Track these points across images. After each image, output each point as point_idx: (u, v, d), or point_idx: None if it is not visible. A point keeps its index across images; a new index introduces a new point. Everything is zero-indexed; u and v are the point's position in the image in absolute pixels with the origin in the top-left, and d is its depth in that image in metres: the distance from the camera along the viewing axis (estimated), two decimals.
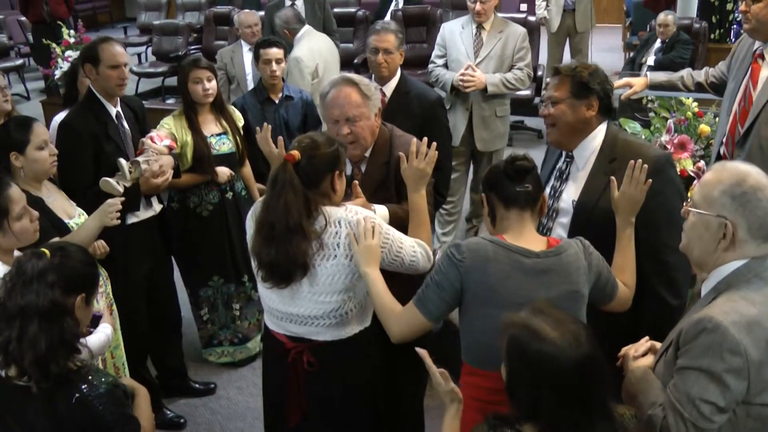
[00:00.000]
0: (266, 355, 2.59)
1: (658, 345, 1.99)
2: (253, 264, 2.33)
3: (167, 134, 3.53)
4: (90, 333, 2.25)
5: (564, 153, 2.58)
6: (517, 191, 2.09)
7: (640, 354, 1.98)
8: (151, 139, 3.36)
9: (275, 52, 4.10)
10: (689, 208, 1.86)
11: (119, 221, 2.75)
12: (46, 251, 1.91)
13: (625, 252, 2.31)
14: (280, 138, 2.60)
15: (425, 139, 2.49)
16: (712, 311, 1.73)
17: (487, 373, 2.06)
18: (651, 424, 1.78)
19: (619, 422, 1.63)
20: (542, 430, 1.56)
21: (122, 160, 3.16)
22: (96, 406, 1.83)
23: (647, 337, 2.04)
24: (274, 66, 4.09)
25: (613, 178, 2.32)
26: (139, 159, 3.24)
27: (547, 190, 2.60)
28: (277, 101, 4.16)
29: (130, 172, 3.17)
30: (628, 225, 2.31)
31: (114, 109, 3.31)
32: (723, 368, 1.68)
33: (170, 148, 3.45)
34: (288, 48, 4.33)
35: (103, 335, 2.38)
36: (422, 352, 1.94)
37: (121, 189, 3.11)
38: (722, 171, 1.82)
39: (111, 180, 3.10)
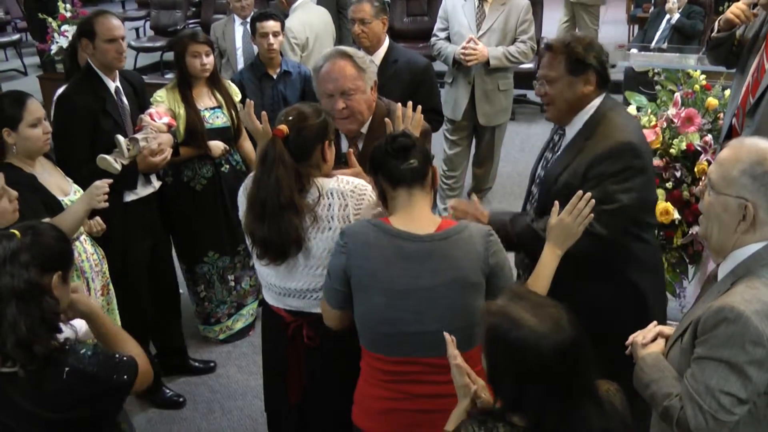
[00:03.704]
0: (266, 333, 2.57)
1: (666, 330, 1.93)
2: (248, 241, 2.31)
3: (166, 111, 3.45)
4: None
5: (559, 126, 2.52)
6: (402, 169, 2.02)
7: (648, 340, 1.91)
8: (150, 116, 3.29)
9: (272, 24, 4.01)
10: (704, 188, 1.77)
11: (107, 204, 2.69)
12: (16, 232, 1.85)
13: (537, 277, 2.13)
14: (264, 113, 2.51)
15: (410, 102, 2.45)
16: (733, 300, 1.65)
17: (376, 356, 2.06)
18: (667, 415, 1.73)
19: (605, 401, 1.56)
20: (530, 420, 1.51)
21: (120, 137, 3.10)
22: (90, 370, 1.80)
23: (655, 322, 1.98)
24: (272, 39, 4.00)
25: (556, 201, 2.18)
26: (138, 136, 3.17)
27: (542, 161, 2.56)
28: (275, 76, 4.07)
29: (128, 150, 3.11)
30: (552, 256, 2.14)
31: (113, 84, 3.23)
32: (745, 360, 1.62)
33: (169, 126, 3.37)
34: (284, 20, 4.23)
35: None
36: (448, 339, 1.81)
37: (118, 167, 3.05)
38: (740, 148, 1.72)
39: (108, 157, 3.05)
